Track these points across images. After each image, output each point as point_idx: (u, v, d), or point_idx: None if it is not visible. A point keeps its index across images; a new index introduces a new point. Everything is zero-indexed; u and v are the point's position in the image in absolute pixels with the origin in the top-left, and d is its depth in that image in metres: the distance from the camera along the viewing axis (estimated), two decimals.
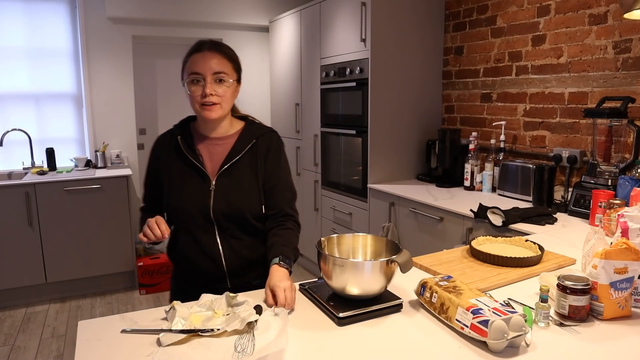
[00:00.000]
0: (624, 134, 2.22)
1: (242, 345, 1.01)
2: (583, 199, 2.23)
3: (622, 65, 2.32)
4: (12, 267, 3.40)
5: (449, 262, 1.54)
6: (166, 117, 4.54)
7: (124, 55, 4.09)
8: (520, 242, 1.64)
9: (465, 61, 3.22)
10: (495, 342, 0.98)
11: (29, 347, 2.90)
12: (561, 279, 1.16)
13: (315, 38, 3.66)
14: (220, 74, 1.37)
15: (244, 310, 1.12)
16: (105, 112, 4.11)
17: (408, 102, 3.28)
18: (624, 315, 1.17)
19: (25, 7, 3.83)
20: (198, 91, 1.36)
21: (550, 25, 2.64)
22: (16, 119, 3.91)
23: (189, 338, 1.05)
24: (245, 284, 1.45)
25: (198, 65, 1.36)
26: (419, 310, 1.21)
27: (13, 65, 3.85)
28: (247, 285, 1.44)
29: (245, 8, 4.38)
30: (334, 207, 3.61)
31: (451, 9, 3.30)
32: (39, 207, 3.41)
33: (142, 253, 4.01)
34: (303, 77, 3.89)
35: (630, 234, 1.34)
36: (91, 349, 1.03)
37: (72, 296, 3.64)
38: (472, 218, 2.33)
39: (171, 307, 1.14)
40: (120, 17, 3.99)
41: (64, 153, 4.07)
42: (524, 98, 2.83)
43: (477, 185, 2.93)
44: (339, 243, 1.34)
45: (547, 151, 2.71)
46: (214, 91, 1.36)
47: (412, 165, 3.37)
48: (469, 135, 3.01)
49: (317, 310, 1.22)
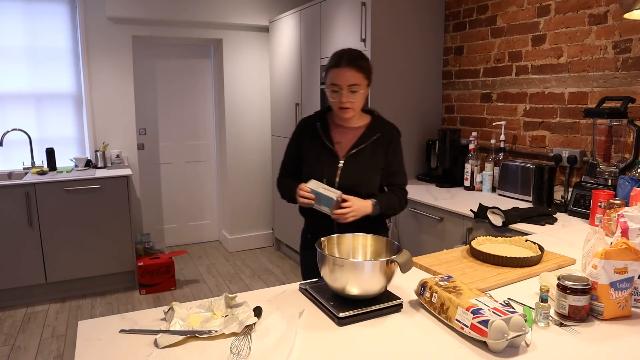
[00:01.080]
0: (624, 134, 2.22)
1: (238, 348, 1.01)
2: (583, 199, 2.23)
3: (622, 65, 2.32)
4: (12, 267, 3.39)
5: (449, 262, 1.54)
6: (166, 117, 4.54)
7: (124, 55, 4.09)
8: (520, 242, 1.64)
9: (465, 61, 3.22)
10: (495, 342, 0.98)
11: (29, 347, 2.90)
12: (561, 279, 1.16)
13: (315, 38, 3.66)
14: (354, 86, 1.67)
15: (243, 312, 1.12)
16: (105, 112, 4.11)
17: (408, 102, 3.28)
18: (624, 315, 1.17)
19: (25, 7, 3.83)
20: (336, 98, 1.70)
21: (550, 25, 2.64)
22: (16, 119, 3.91)
23: (185, 340, 1.05)
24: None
25: (336, 79, 1.67)
26: (419, 310, 1.21)
27: (13, 65, 3.85)
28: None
29: (245, 8, 4.38)
30: None
31: (451, 9, 3.30)
32: (39, 207, 3.41)
33: (142, 253, 4.01)
34: (303, 77, 3.89)
35: (630, 234, 1.34)
36: (91, 349, 1.03)
37: (72, 296, 3.64)
38: (472, 218, 2.33)
39: (170, 307, 1.14)
40: (120, 17, 3.98)
41: (64, 153, 4.07)
42: (524, 98, 2.83)
43: (477, 185, 2.93)
44: (339, 243, 1.35)
45: (547, 151, 2.71)
46: (348, 100, 1.68)
47: (412, 165, 3.37)
48: (469, 135, 3.01)
49: (317, 310, 1.22)
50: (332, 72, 1.71)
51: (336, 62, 1.69)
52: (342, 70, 1.67)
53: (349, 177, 1.75)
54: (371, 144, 1.77)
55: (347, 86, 1.67)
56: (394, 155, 1.82)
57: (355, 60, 1.69)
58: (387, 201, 1.78)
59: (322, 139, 1.78)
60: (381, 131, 1.79)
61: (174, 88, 4.54)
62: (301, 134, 1.85)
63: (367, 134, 1.78)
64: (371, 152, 1.77)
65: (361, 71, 1.69)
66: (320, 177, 1.73)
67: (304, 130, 1.85)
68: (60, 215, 3.47)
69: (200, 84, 4.65)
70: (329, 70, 1.72)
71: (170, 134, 4.58)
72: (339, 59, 1.69)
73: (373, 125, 1.81)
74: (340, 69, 1.67)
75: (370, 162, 1.77)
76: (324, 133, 1.79)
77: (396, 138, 1.84)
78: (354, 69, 1.68)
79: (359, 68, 1.69)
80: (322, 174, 1.75)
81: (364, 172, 1.76)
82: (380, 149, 1.78)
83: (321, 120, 1.82)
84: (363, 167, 1.76)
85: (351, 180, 1.74)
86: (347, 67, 1.67)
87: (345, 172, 1.75)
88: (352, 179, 1.75)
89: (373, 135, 1.78)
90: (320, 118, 1.84)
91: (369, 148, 1.77)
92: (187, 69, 4.57)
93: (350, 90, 1.68)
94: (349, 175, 1.75)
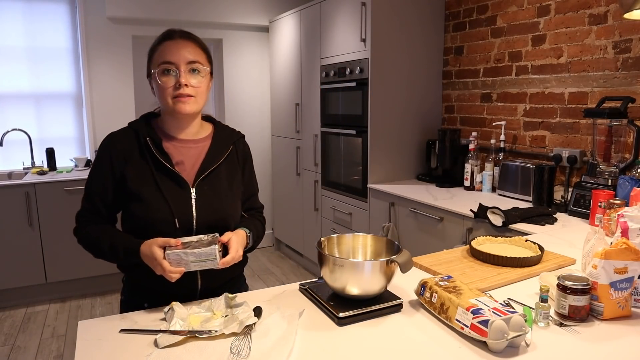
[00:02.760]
0: (624, 134, 2.22)
1: (238, 348, 1.00)
2: (583, 199, 2.23)
3: (622, 65, 2.32)
4: (12, 267, 3.40)
5: (449, 262, 1.54)
6: None
7: (124, 55, 4.09)
8: (520, 242, 1.64)
9: (465, 61, 3.22)
10: (495, 342, 0.98)
11: (29, 347, 2.90)
12: (561, 279, 1.16)
13: (315, 38, 3.66)
14: (195, 64, 1.26)
15: (243, 312, 1.12)
16: (105, 112, 4.11)
17: (408, 102, 3.28)
18: (624, 315, 1.17)
19: (25, 7, 3.83)
20: (170, 82, 1.24)
21: (550, 25, 2.63)
22: (16, 119, 3.91)
23: (185, 340, 1.05)
24: None
25: (170, 54, 1.24)
26: (419, 310, 1.21)
27: (13, 65, 3.85)
28: None
29: (245, 8, 4.38)
30: (334, 207, 3.61)
31: (451, 9, 3.30)
32: (39, 207, 3.41)
33: None
34: (303, 77, 3.89)
35: (630, 234, 1.34)
36: (91, 349, 1.03)
37: (72, 296, 3.64)
38: (472, 218, 2.33)
39: (170, 307, 1.14)
40: (120, 17, 3.99)
41: (64, 153, 4.07)
42: (524, 98, 2.83)
43: (477, 185, 2.93)
44: (339, 243, 1.34)
45: (547, 151, 2.71)
46: (188, 82, 1.25)
47: (412, 165, 3.37)
48: (469, 135, 3.01)
49: (317, 310, 1.22)
50: (162, 46, 1.26)
51: (168, 34, 1.28)
52: (177, 42, 1.26)
53: (208, 210, 1.28)
54: (224, 161, 1.35)
55: (186, 63, 1.24)
56: (251, 173, 1.45)
57: (192, 35, 1.31)
58: (255, 229, 1.39)
59: (158, 161, 1.26)
60: (232, 143, 1.40)
61: None
62: (118, 157, 1.28)
63: (216, 148, 1.35)
64: (227, 172, 1.36)
65: (202, 48, 1.30)
66: (169, 216, 1.24)
67: (122, 150, 1.28)
68: (60, 215, 3.47)
69: None
70: (157, 46, 1.27)
71: None
72: (172, 32, 1.29)
73: (220, 136, 1.38)
74: (175, 41, 1.26)
75: (228, 184, 1.35)
76: (158, 151, 1.27)
77: (249, 150, 1.46)
78: (192, 42, 1.28)
79: (199, 43, 1.30)
80: (169, 212, 1.24)
81: (226, 200, 1.33)
82: (235, 167, 1.39)
83: (150, 134, 1.29)
84: (223, 195, 1.32)
85: (213, 214, 1.28)
86: (183, 39, 1.27)
87: (201, 203, 1.28)
88: (215, 212, 1.29)
89: (224, 148, 1.36)
90: (147, 130, 1.30)
91: (223, 167, 1.35)
92: None
93: (191, 69, 1.26)
94: (209, 207, 1.28)
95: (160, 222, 1.24)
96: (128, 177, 1.27)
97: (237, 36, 4.48)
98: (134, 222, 1.28)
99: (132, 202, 1.26)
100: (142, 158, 1.28)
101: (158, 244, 1.17)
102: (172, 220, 1.24)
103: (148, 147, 1.28)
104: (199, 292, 1.32)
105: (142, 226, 1.25)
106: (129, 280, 1.38)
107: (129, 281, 1.38)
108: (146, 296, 1.30)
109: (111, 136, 1.32)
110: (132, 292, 1.37)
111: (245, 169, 1.43)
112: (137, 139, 1.30)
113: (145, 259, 1.19)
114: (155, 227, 1.24)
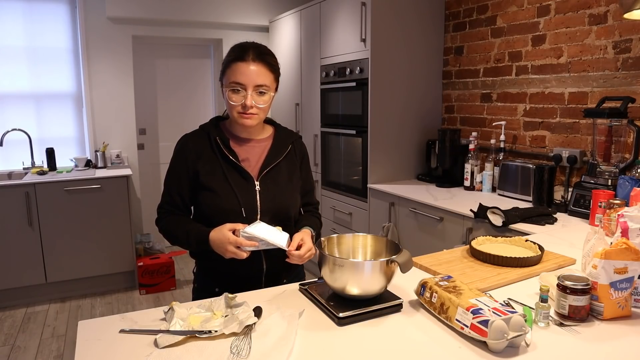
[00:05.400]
0: (624, 134, 2.22)
1: (238, 348, 1.00)
2: (583, 199, 2.23)
3: (622, 65, 2.32)
4: (12, 267, 3.40)
5: (449, 262, 1.54)
6: (166, 117, 4.54)
7: (124, 55, 4.09)
8: (520, 242, 1.64)
9: (465, 61, 3.22)
10: (495, 342, 0.98)
11: (29, 347, 2.90)
12: (561, 279, 1.16)
13: (315, 38, 3.66)
14: (262, 87, 1.37)
15: (243, 312, 1.12)
16: (105, 112, 4.11)
17: (408, 102, 3.28)
18: (624, 315, 1.17)
19: (25, 7, 3.83)
20: (238, 100, 1.37)
21: (550, 25, 2.63)
22: (16, 119, 3.91)
23: (185, 340, 1.05)
24: (277, 284, 1.46)
25: (241, 77, 1.35)
26: (419, 310, 1.21)
27: (13, 65, 3.85)
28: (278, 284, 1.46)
29: (245, 8, 4.38)
30: (334, 207, 3.61)
31: (451, 9, 3.30)
32: (39, 207, 3.41)
33: (142, 253, 4.01)
34: (303, 77, 3.89)
35: (630, 234, 1.34)
36: (91, 349, 1.03)
37: (72, 296, 3.64)
38: (472, 218, 2.33)
39: (170, 307, 1.14)
40: (120, 17, 3.99)
41: (64, 153, 4.07)
42: (524, 98, 2.83)
43: (477, 185, 2.93)
44: (339, 243, 1.34)
45: (547, 151, 2.71)
46: (254, 104, 1.37)
47: (412, 165, 3.37)
48: (469, 135, 3.01)
49: (317, 310, 1.22)
50: (234, 67, 1.36)
51: (241, 54, 1.36)
52: (248, 65, 1.35)
53: (272, 201, 1.43)
54: (284, 158, 1.49)
55: (254, 87, 1.36)
56: (307, 170, 1.58)
57: (264, 56, 1.38)
58: (317, 228, 1.52)
59: (227, 157, 1.42)
60: (291, 143, 1.53)
61: (174, 88, 4.54)
62: (192, 155, 1.44)
63: (277, 147, 1.49)
64: (287, 168, 1.50)
65: (272, 70, 1.40)
66: (236, 206, 1.39)
67: (195, 149, 1.44)
68: (60, 215, 3.47)
69: (200, 84, 4.65)
70: (229, 64, 1.38)
71: (170, 134, 4.58)
72: (245, 52, 1.36)
73: (281, 136, 1.53)
74: (245, 64, 1.35)
75: (288, 179, 1.49)
76: (227, 149, 1.43)
77: (306, 149, 1.60)
78: (263, 66, 1.37)
79: (270, 66, 1.39)
80: (237, 202, 1.39)
81: (287, 193, 1.47)
82: (294, 164, 1.53)
83: (219, 134, 1.45)
84: (284, 187, 1.47)
85: (275, 204, 1.44)
86: (255, 62, 1.36)
87: (265, 195, 1.43)
88: (276, 202, 1.44)
89: (284, 147, 1.50)
90: (217, 131, 1.46)
91: (284, 163, 1.49)
92: (187, 69, 4.57)
93: (258, 92, 1.37)
94: (272, 199, 1.43)
95: (228, 211, 1.39)
96: (201, 172, 1.42)
97: (237, 36, 4.47)
98: (205, 211, 1.42)
99: (204, 193, 1.42)
100: (213, 155, 1.44)
101: (227, 228, 1.31)
102: (239, 210, 1.39)
103: (218, 145, 1.43)
104: (264, 274, 1.46)
105: (213, 214, 1.40)
106: (201, 268, 1.53)
107: (201, 269, 1.53)
108: (217, 280, 1.46)
109: (185, 137, 1.48)
110: (204, 279, 1.53)
111: (302, 166, 1.57)
112: (208, 139, 1.45)
113: (214, 244, 1.33)
114: (224, 215, 1.38)
